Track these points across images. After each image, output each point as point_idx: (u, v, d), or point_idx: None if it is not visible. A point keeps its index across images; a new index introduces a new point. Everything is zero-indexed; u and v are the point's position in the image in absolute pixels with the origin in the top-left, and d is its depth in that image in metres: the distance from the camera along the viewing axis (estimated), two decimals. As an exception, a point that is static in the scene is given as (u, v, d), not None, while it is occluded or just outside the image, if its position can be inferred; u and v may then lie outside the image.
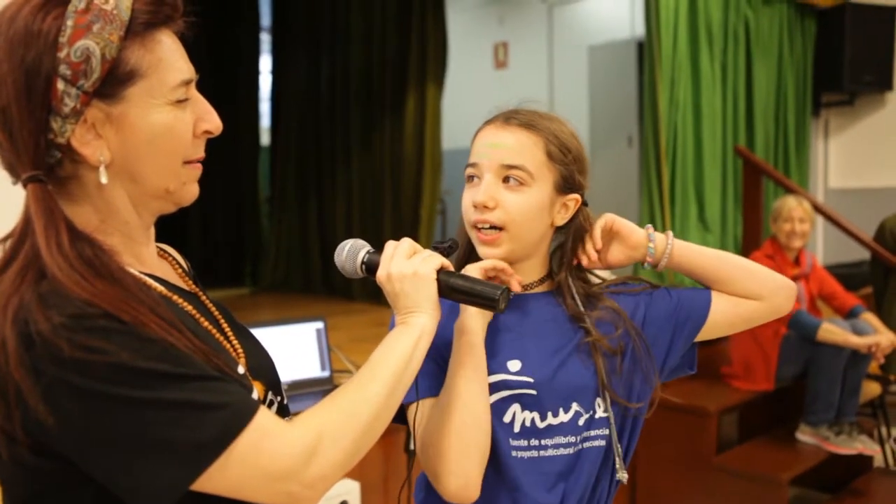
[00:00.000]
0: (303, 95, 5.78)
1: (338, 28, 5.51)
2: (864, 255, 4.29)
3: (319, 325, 2.47)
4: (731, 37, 4.73)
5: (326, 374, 2.48)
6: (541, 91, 6.73)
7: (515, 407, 1.13)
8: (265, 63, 6.66)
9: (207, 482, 0.78)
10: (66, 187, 0.84)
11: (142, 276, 0.86)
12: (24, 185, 0.81)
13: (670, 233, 1.21)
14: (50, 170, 0.82)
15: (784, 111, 5.20)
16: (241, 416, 0.79)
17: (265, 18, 6.66)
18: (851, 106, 5.65)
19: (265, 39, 6.75)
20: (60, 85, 0.79)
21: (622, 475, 1.16)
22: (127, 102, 0.83)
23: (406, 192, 4.86)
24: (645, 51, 4.51)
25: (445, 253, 1.08)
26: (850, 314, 3.45)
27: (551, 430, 1.13)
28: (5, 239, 0.83)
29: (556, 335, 1.17)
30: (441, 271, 1.03)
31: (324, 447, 0.82)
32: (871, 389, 3.61)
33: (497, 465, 1.12)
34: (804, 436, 3.33)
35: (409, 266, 1.01)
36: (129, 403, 0.74)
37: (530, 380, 1.14)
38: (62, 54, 0.79)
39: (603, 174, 5.95)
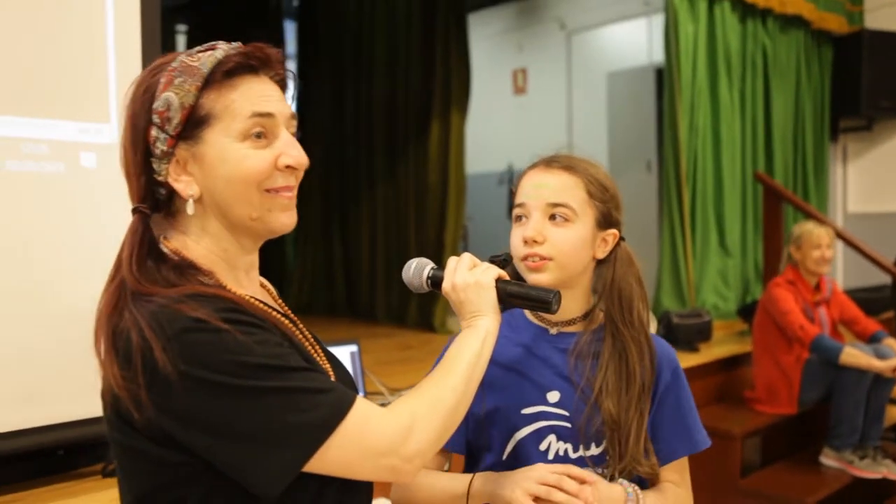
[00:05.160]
0: (327, 122, 5.89)
1: (362, 56, 5.63)
2: (885, 279, 4.32)
3: (354, 348, 2.54)
4: (749, 64, 4.80)
5: (361, 396, 2.54)
6: (559, 117, 6.83)
7: (551, 437, 1.21)
8: (290, 90, 6.79)
9: (319, 462, 0.88)
10: (175, 219, 0.98)
11: (238, 294, 0.96)
12: (132, 214, 0.95)
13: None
14: (162, 203, 0.97)
15: (802, 137, 5.26)
16: (345, 400, 0.90)
17: (290, 46, 6.81)
18: (869, 131, 5.70)
19: (290, 67, 6.88)
20: (153, 131, 0.94)
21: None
22: (205, 142, 0.95)
23: (430, 218, 4.94)
24: (664, 78, 4.59)
25: (501, 265, 1.18)
26: (872, 339, 3.47)
27: (582, 462, 1.21)
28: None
29: (590, 372, 1.23)
30: (499, 280, 1.13)
31: (417, 427, 0.94)
32: (895, 414, 3.63)
33: None
34: (828, 459, 3.35)
35: (471, 276, 1.12)
36: (249, 393, 0.85)
37: (566, 413, 1.21)
38: (154, 105, 0.94)
39: (622, 199, 5.93)
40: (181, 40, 6.48)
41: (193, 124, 0.94)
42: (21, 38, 1.80)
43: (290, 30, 6.74)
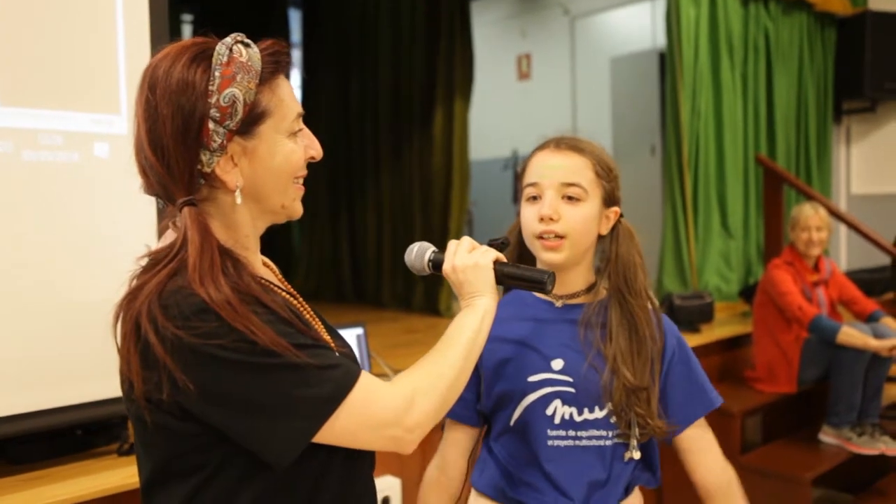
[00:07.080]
0: (333, 110, 5.94)
1: (366, 44, 5.67)
2: (887, 260, 4.36)
3: (360, 331, 2.60)
4: (751, 47, 4.82)
5: (365, 370, 2.60)
6: (564, 102, 6.86)
7: (557, 402, 1.29)
8: (295, 79, 6.84)
9: (327, 432, 0.94)
10: (201, 207, 1.00)
11: (255, 275, 1.02)
12: (180, 209, 0.98)
13: None
14: (195, 192, 0.99)
15: (805, 119, 5.27)
16: (351, 375, 0.97)
17: (294, 34, 6.85)
18: (873, 112, 5.71)
19: (295, 55, 6.93)
20: (211, 125, 0.96)
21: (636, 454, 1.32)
22: (258, 137, 1.00)
23: (435, 203, 5.00)
24: (667, 62, 4.62)
25: (499, 248, 1.24)
26: (870, 318, 3.52)
27: (587, 424, 1.29)
28: (160, 251, 0.99)
29: (599, 341, 1.31)
30: (496, 262, 1.19)
31: (418, 399, 1.00)
32: (894, 392, 3.68)
33: (535, 451, 1.29)
34: (827, 437, 3.41)
35: (470, 258, 1.18)
36: (262, 369, 0.92)
37: (570, 379, 1.29)
38: (213, 100, 0.96)
39: (626, 183, 5.92)
40: (187, 30, 6.53)
41: (251, 120, 0.98)
42: (35, 32, 1.86)
43: (294, 18, 6.78)
